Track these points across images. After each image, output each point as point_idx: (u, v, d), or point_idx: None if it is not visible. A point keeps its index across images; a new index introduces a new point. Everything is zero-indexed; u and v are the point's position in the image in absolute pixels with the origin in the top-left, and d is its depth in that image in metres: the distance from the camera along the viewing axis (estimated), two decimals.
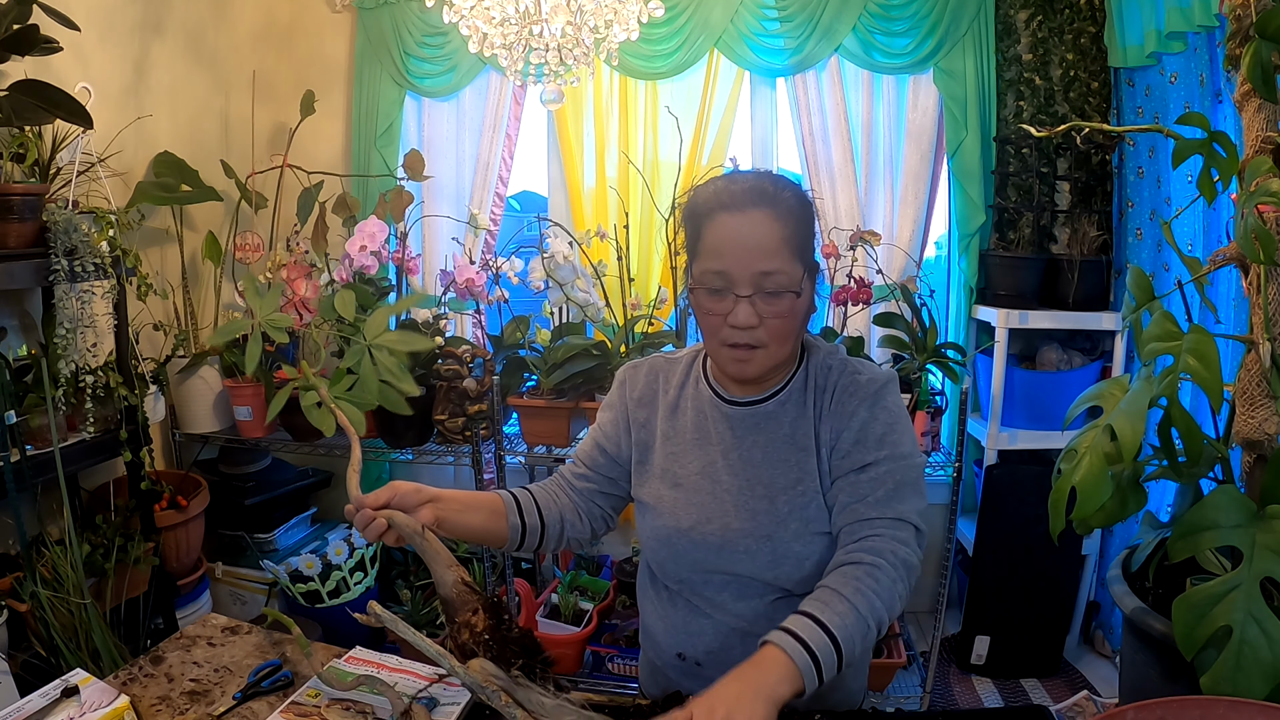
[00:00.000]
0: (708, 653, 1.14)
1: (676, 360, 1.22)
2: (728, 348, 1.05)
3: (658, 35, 2.53)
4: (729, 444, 1.12)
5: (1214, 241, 2.05)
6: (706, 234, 1.04)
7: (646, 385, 1.21)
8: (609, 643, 2.33)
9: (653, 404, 1.20)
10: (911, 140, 2.56)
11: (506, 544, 1.16)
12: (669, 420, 1.17)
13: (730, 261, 1.01)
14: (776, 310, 1.02)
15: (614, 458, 1.22)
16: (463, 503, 1.11)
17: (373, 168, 2.76)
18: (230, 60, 2.72)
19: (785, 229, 1.01)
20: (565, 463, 1.28)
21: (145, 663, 1.21)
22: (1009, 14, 2.52)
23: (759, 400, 1.12)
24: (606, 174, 2.69)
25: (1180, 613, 0.97)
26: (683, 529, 1.12)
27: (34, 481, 1.81)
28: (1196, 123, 1.12)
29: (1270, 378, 1.09)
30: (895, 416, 1.08)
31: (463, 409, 2.28)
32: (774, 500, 1.09)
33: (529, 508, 1.17)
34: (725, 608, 1.12)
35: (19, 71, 1.81)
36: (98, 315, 1.90)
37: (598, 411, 1.27)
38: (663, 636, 1.19)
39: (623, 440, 1.21)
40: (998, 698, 2.40)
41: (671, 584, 1.17)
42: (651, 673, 1.25)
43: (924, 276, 2.56)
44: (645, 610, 1.25)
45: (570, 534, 1.22)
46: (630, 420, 1.20)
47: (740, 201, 1.02)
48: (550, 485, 1.23)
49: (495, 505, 1.15)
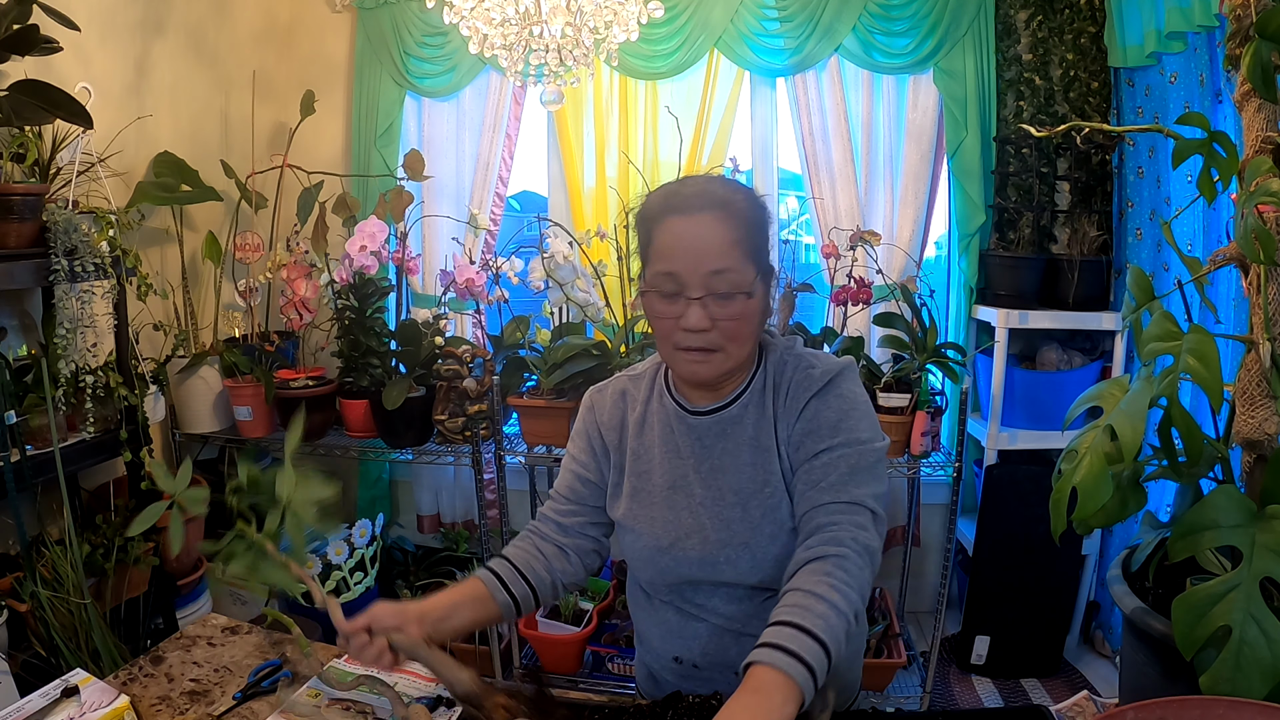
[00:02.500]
0: (704, 654, 1.14)
1: (639, 376, 1.20)
2: (681, 351, 1.04)
3: (658, 35, 2.53)
4: (698, 455, 1.12)
5: (1214, 241, 2.05)
6: (657, 237, 1.03)
7: (614, 407, 1.19)
8: (609, 643, 2.33)
9: (622, 425, 1.18)
10: (911, 140, 2.56)
11: (503, 620, 1.15)
12: (638, 438, 1.16)
13: (680, 263, 1.00)
14: (729, 312, 1.01)
15: (596, 485, 1.20)
16: (446, 608, 1.07)
17: (373, 168, 2.76)
18: (230, 60, 2.72)
19: (735, 231, 1.01)
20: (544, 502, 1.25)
21: (145, 663, 1.21)
22: (1009, 14, 2.52)
23: (722, 406, 1.11)
24: (606, 174, 2.69)
25: (1180, 613, 0.97)
26: (663, 547, 1.11)
27: (34, 481, 1.81)
28: (1196, 123, 1.12)
29: (1270, 378, 1.09)
30: (850, 403, 1.07)
31: (463, 409, 2.28)
32: (746, 506, 1.08)
33: (513, 579, 1.14)
34: (717, 611, 1.12)
35: (19, 71, 1.81)
36: (98, 315, 1.90)
37: (568, 445, 1.24)
38: (658, 642, 1.19)
39: (601, 465, 1.20)
40: (998, 698, 2.40)
41: (661, 595, 1.17)
42: (649, 676, 1.25)
43: (924, 276, 2.56)
44: (638, 618, 1.24)
45: (563, 581, 1.19)
46: (603, 444, 1.19)
47: (689, 205, 1.02)
48: (528, 541, 1.20)
49: (479, 594, 1.12)
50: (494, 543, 2.38)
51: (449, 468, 2.83)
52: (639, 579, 1.21)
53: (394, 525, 3.03)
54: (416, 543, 2.96)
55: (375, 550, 2.55)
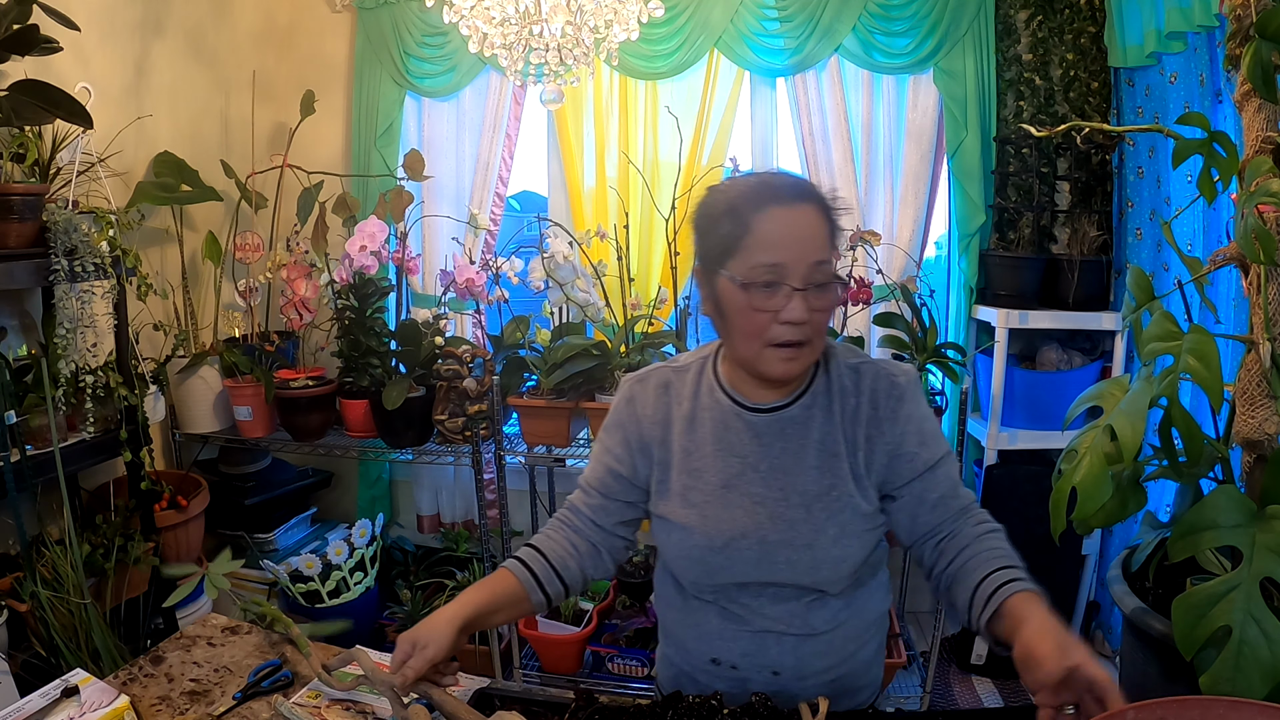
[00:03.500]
0: (744, 655, 1.12)
1: (684, 369, 1.17)
2: (772, 348, 1.02)
3: (658, 35, 2.53)
4: (756, 454, 1.09)
5: (1214, 241, 2.05)
6: (757, 227, 0.99)
7: (658, 400, 1.15)
8: (609, 643, 2.33)
9: (666, 420, 1.14)
10: (911, 140, 2.56)
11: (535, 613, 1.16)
12: (687, 434, 1.13)
13: (786, 253, 0.98)
14: (824, 303, 1.01)
15: (630, 481, 1.16)
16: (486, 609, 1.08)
17: (373, 168, 2.76)
18: (230, 60, 2.72)
19: (829, 223, 1.02)
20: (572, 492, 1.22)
21: (145, 663, 1.21)
22: (1009, 14, 2.52)
23: (783, 405, 1.09)
24: (606, 174, 2.69)
25: (1180, 613, 0.97)
26: (716, 547, 1.08)
27: (34, 481, 1.81)
28: (1196, 123, 1.12)
29: (1270, 378, 1.09)
30: (928, 410, 1.12)
31: (463, 409, 2.28)
32: (810, 508, 1.07)
33: (548, 577, 1.13)
34: (762, 612, 1.10)
35: (19, 71, 1.81)
36: (98, 315, 1.90)
37: (600, 431, 1.20)
38: (693, 644, 1.16)
39: (636, 461, 1.15)
40: (998, 698, 2.40)
41: (704, 596, 1.14)
42: (676, 676, 1.20)
43: (924, 276, 2.56)
44: (670, 619, 1.20)
45: (593, 575, 1.18)
46: (644, 439, 1.15)
47: (792, 195, 1.01)
48: (561, 534, 1.18)
49: (516, 594, 1.11)
50: (494, 543, 2.38)
51: (449, 468, 2.83)
52: (680, 579, 1.16)
53: (394, 525, 3.03)
54: (416, 543, 2.96)
55: (375, 550, 2.55)
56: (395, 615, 2.55)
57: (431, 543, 2.96)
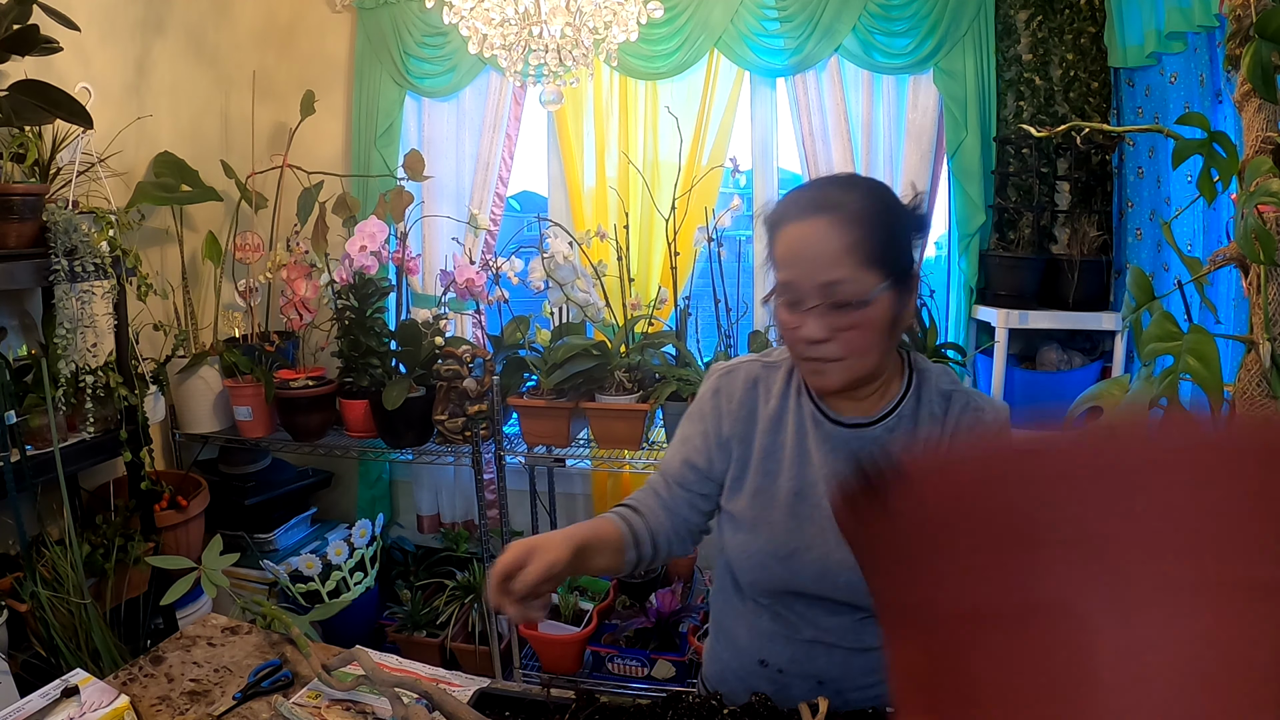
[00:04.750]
0: (792, 661, 1.11)
1: (775, 365, 1.14)
2: (803, 361, 1.02)
3: (658, 35, 2.53)
4: (831, 467, 1.07)
5: (1214, 241, 2.05)
6: (777, 244, 1.01)
7: (745, 396, 1.13)
8: (609, 643, 2.33)
9: (753, 418, 1.12)
10: (911, 140, 2.56)
11: (621, 572, 1.11)
12: (770, 435, 1.11)
13: (792, 272, 0.98)
14: (849, 321, 0.96)
15: (705, 474, 1.14)
16: (594, 544, 1.03)
17: (373, 168, 2.76)
18: (231, 60, 2.72)
19: (848, 236, 0.95)
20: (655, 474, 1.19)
21: (145, 663, 1.21)
22: (1009, 14, 2.52)
23: (867, 423, 1.07)
24: (606, 174, 2.69)
25: None
26: (780, 555, 1.07)
27: (34, 481, 1.82)
28: (1196, 123, 1.12)
29: (1270, 378, 1.09)
30: None
31: (463, 409, 2.28)
32: None
33: (645, 539, 1.10)
34: (815, 623, 1.09)
35: (19, 71, 1.81)
36: (98, 315, 1.90)
37: (683, 419, 1.18)
38: (746, 642, 1.15)
39: (715, 455, 1.13)
40: None
41: (760, 599, 1.13)
42: (722, 672, 1.20)
43: (924, 276, 2.55)
44: (725, 614, 1.20)
45: (674, 553, 1.16)
46: (726, 435, 1.13)
47: (802, 210, 0.98)
48: (656, 501, 1.15)
49: (615, 543, 1.08)
50: (494, 543, 2.38)
51: (449, 468, 2.83)
52: (739, 578, 1.15)
53: (394, 525, 3.03)
54: (416, 543, 2.96)
55: (375, 550, 2.55)
56: (395, 615, 2.55)
57: (431, 543, 2.96)
